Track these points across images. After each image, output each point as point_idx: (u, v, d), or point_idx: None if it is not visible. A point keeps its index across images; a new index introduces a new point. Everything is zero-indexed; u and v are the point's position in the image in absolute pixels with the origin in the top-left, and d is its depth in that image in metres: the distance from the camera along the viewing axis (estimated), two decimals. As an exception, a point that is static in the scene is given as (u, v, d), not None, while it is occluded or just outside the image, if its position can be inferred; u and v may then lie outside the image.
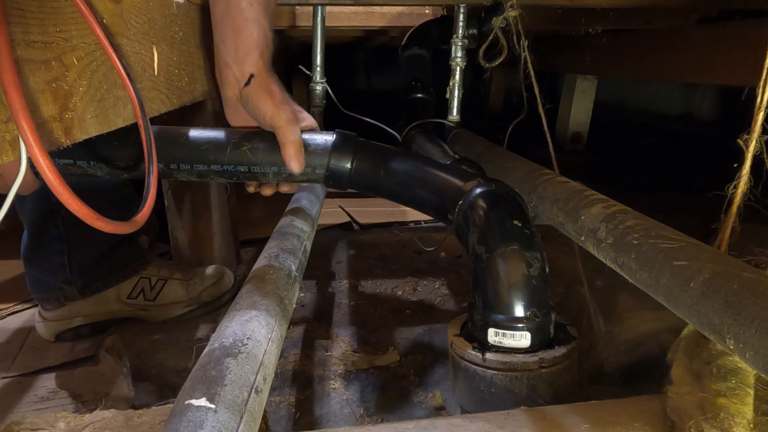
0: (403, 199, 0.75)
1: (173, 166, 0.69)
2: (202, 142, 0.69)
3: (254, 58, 0.67)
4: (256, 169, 0.69)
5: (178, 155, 0.68)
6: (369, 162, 0.71)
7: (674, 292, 0.44)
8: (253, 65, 0.67)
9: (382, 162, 0.72)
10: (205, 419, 0.34)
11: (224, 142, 0.69)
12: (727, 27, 1.17)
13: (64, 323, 0.97)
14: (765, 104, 0.48)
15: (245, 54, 0.67)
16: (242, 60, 0.67)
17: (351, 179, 0.70)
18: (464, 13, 1.14)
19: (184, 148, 0.68)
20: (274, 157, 0.68)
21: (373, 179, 0.72)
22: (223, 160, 0.68)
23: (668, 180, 1.97)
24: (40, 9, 0.37)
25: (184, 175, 0.70)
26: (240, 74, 0.67)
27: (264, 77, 0.67)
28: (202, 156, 0.68)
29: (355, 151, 0.70)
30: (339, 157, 0.69)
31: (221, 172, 0.69)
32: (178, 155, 0.68)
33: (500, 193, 0.69)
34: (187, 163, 0.69)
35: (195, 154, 0.68)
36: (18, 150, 0.33)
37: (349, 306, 1.10)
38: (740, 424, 0.45)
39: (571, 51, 2.00)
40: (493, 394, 0.63)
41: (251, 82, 0.67)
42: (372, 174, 0.71)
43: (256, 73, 0.67)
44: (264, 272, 0.57)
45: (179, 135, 0.69)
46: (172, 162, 0.69)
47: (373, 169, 0.71)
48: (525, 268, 0.63)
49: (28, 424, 0.56)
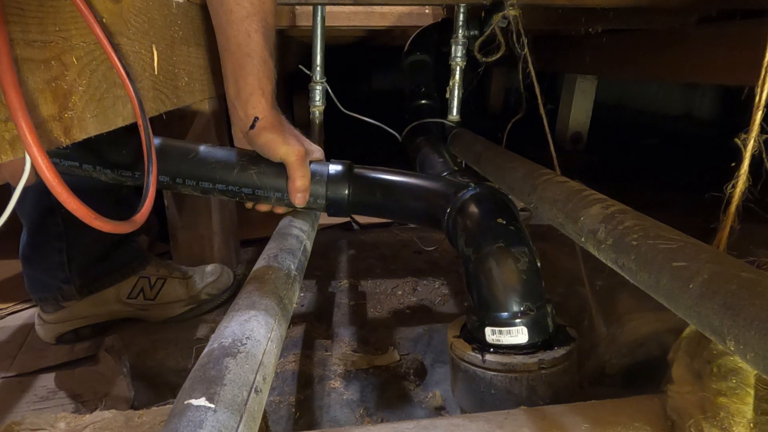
0: (400, 216, 0.80)
1: (179, 180, 0.70)
2: (211, 161, 0.70)
3: (257, 98, 0.67)
4: (260, 192, 0.71)
5: (185, 171, 0.70)
6: (364, 187, 0.74)
7: (674, 294, 0.44)
8: (256, 106, 0.67)
9: (376, 185, 0.75)
10: (205, 419, 0.34)
11: (233, 162, 0.70)
12: (727, 27, 1.17)
13: (64, 325, 0.96)
14: (763, 104, 0.48)
15: (248, 95, 0.67)
16: (245, 102, 0.67)
17: (350, 204, 0.73)
18: (464, 13, 1.14)
19: (193, 164, 0.70)
20: (279, 183, 0.70)
21: (371, 202, 0.75)
22: (229, 180, 0.70)
23: (668, 180, 1.97)
24: (40, 8, 0.37)
25: (188, 190, 0.71)
26: (245, 116, 0.68)
27: (268, 117, 0.68)
28: (209, 174, 0.70)
29: (350, 179, 0.73)
30: (336, 186, 0.72)
31: (225, 191, 0.71)
32: (185, 171, 0.70)
33: (483, 195, 0.71)
34: (194, 179, 0.70)
35: (203, 171, 0.70)
36: (17, 149, 0.33)
37: (349, 306, 1.10)
38: (740, 424, 0.45)
39: (571, 51, 2.00)
40: (493, 396, 0.63)
41: (255, 126, 0.68)
42: (369, 198, 0.74)
43: (260, 115, 0.67)
44: (264, 272, 0.57)
45: (189, 151, 0.71)
46: (178, 176, 0.70)
47: (369, 192, 0.74)
48: (513, 264, 0.63)
49: (28, 424, 0.56)
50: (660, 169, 2.17)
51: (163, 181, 0.70)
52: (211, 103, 1.08)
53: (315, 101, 1.17)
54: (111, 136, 0.49)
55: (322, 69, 1.16)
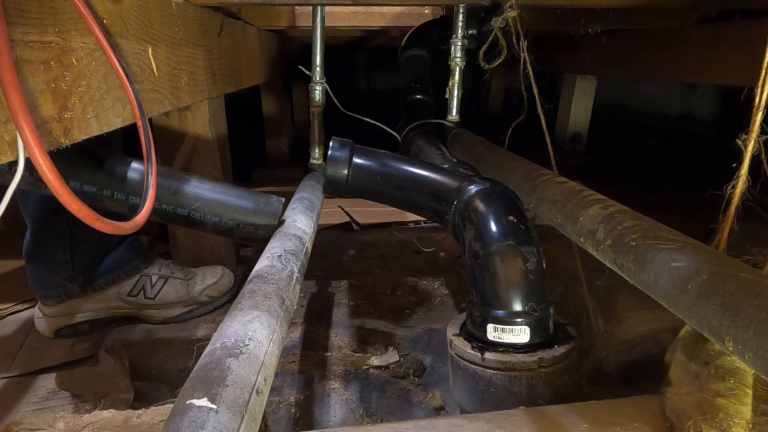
0: (400, 203, 0.77)
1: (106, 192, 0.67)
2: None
3: None
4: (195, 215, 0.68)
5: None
6: (365, 169, 0.72)
7: (673, 294, 0.44)
8: None
9: (378, 168, 0.73)
10: (207, 420, 0.34)
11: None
12: (727, 27, 1.17)
13: (63, 319, 0.97)
14: (764, 104, 0.48)
15: None
16: None
17: (348, 185, 0.71)
18: (463, 14, 1.14)
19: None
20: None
21: (370, 185, 0.73)
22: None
23: (667, 180, 1.97)
24: (40, 9, 0.37)
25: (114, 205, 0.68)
26: None
27: None
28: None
29: (351, 159, 0.70)
30: (336, 164, 0.70)
31: (159, 210, 0.68)
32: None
33: (494, 191, 0.70)
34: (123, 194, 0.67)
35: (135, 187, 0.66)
36: (17, 150, 0.33)
37: (349, 306, 1.10)
38: (739, 425, 0.45)
39: (570, 51, 2.00)
40: (493, 394, 0.63)
41: None
42: (368, 180, 0.72)
43: None
44: (266, 272, 0.57)
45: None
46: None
47: (370, 175, 0.72)
48: (522, 263, 0.63)
49: (27, 425, 0.56)
50: (660, 170, 2.17)
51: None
52: (211, 103, 1.08)
53: (315, 101, 1.17)
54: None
55: (322, 69, 1.16)
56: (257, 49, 1.46)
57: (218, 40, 0.96)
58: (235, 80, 1.14)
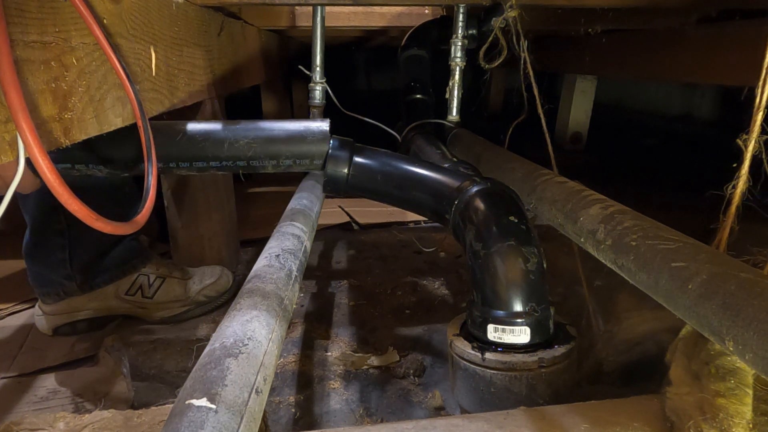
0: (400, 202, 0.77)
1: (172, 165, 0.69)
2: (200, 139, 0.69)
3: None
4: (254, 163, 0.70)
5: (176, 154, 0.69)
6: (365, 167, 0.72)
7: (673, 294, 0.44)
8: None
9: (378, 167, 0.73)
10: (206, 420, 0.34)
11: (221, 138, 0.69)
12: (727, 27, 1.17)
13: (62, 317, 0.97)
14: (764, 104, 0.48)
15: None
16: None
17: (348, 184, 0.71)
18: (464, 13, 1.14)
19: (183, 145, 0.69)
20: (273, 150, 0.69)
21: (370, 184, 0.73)
22: (222, 156, 0.69)
23: (667, 180, 1.97)
24: (40, 9, 0.37)
25: (183, 171, 0.70)
26: None
27: None
28: (201, 153, 0.69)
29: (351, 158, 0.71)
30: (336, 163, 0.70)
31: (220, 167, 0.70)
32: (176, 154, 0.69)
33: (495, 191, 0.70)
34: (187, 161, 0.69)
35: (194, 151, 0.69)
36: (17, 150, 0.33)
37: (349, 306, 1.10)
38: (739, 425, 0.45)
39: (570, 51, 2.00)
40: (493, 394, 0.63)
41: None
42: (369, 179, 0.73)
43: None
44: (264, 272, 0.57)
45: (176, 132, 0.69)
46: (170, 161, 0.69)
47: (370, 174, 0.72)
48: (522, 264, 0.63)
49: (27, 425, 0.56)
50: (660, 170, 2.17)
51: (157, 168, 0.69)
52: (211, 103, 1.08)
53: (315, 101, 1.17)
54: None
55: (322, 69, 1.16)
56: (257, 49, 1.46)
57: (218, 40, 0.96)
58: (235, 80, 1.14)
